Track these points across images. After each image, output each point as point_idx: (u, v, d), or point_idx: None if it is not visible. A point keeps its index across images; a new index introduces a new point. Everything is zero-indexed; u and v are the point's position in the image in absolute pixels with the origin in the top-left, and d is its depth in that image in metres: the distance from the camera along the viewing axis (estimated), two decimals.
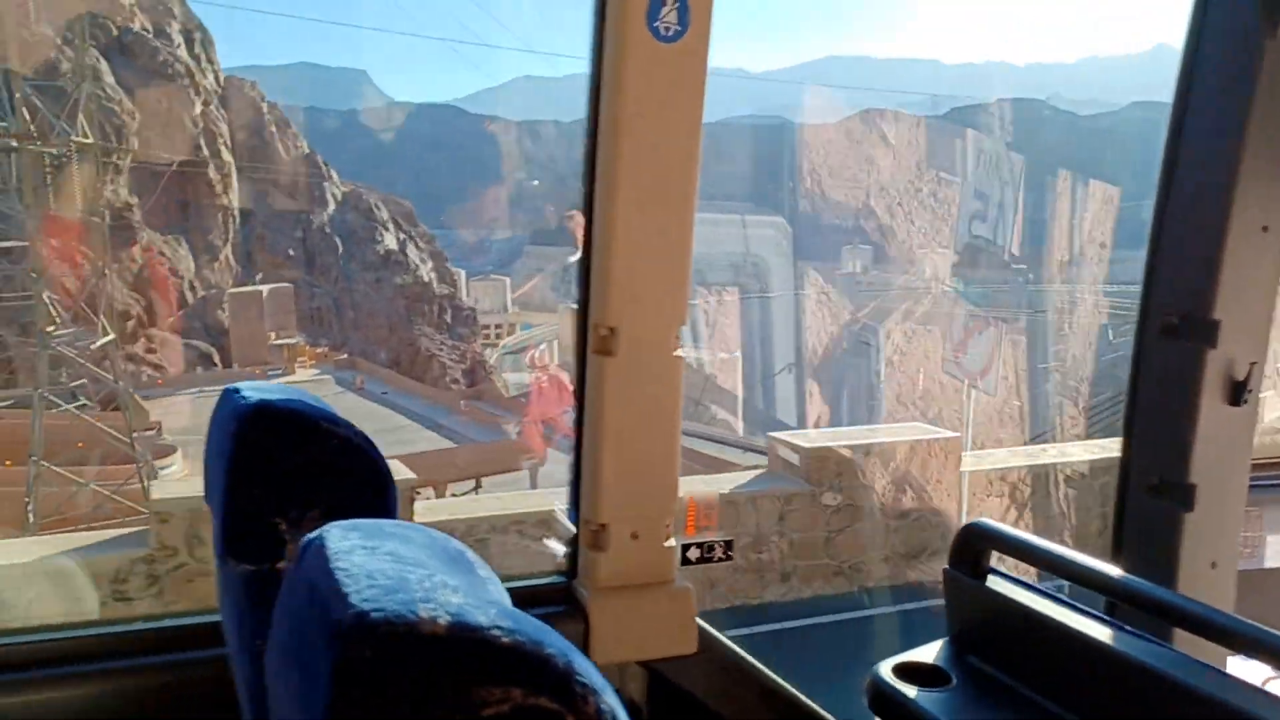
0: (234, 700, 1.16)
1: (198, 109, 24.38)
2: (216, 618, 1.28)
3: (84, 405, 20.30)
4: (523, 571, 2.08)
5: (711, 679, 2.06)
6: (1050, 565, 1.82)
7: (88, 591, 5.34)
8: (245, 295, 22.53)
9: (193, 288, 22.95)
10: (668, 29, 1.75)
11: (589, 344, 1.90)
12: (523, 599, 1.45)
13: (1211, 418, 2.18)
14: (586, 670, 0.67)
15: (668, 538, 1.99)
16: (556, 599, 2.00)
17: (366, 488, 1.16)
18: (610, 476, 1.93)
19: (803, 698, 2.00)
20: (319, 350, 24.03)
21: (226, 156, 24.52)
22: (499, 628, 0.66)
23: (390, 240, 26.07)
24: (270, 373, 21.32)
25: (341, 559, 0.74)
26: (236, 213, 23.58)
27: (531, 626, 0.68)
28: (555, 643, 0.67)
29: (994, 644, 1.84)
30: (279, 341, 23.25)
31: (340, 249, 24.99)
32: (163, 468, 20.09)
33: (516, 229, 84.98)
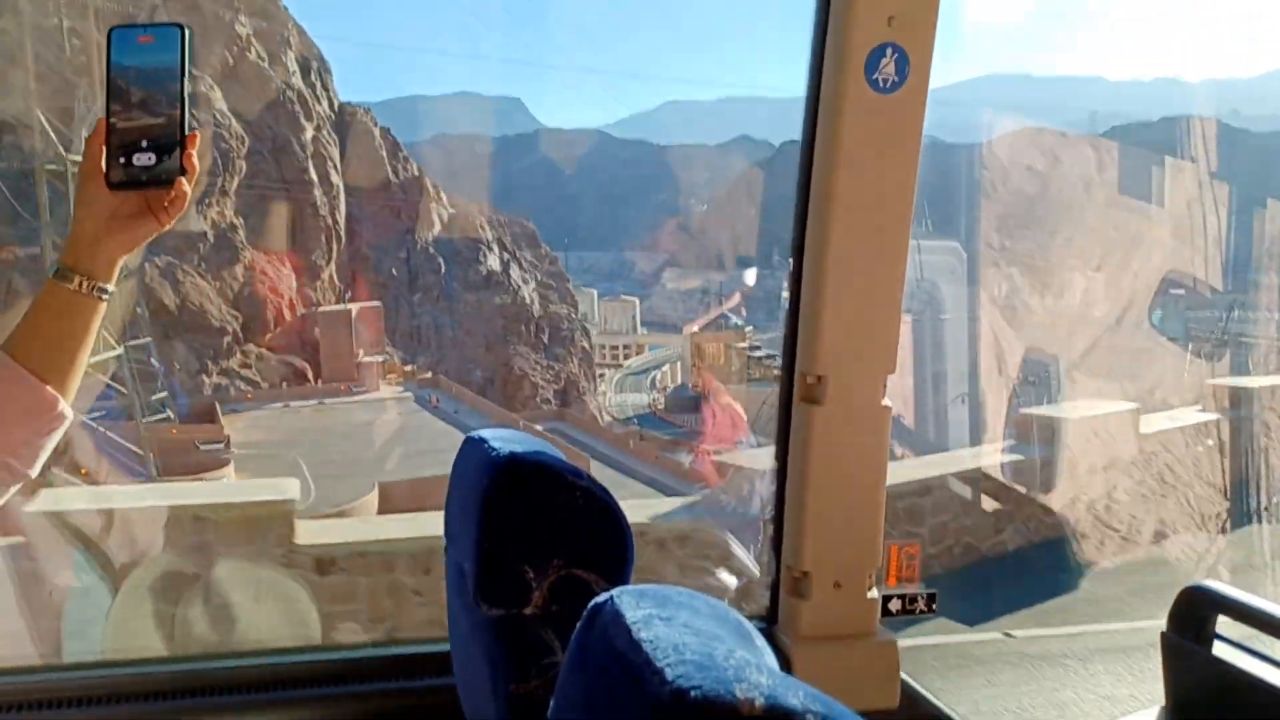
0: None
1: (309, 134, 25.28)
2: (441, 648, 1.40)
3: (166, 418, 21.12)
4: None
5: None
6: None
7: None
8: (334, 314, 23.09)
9: (292, 306, 23.71)
10: (886, 80, 1.73)
11: (795, 391, 1.88)
12: None
13: None
14: None
15: (871, 588, 1.96)
16: None
17: (606, 538, 1.18)
18: (814, 524, 1.90)
19: None
20: (407, 368, 24.39)
21: (335, 179, 25.32)
22: (811, 712, 0.65)
23: (493, 261, 26.24)
24: (355, 389, 21.74)
25: (643, 629, 0.74)
26: (342, 233, 24.20)
27: (839, 712, 0.67)
28: None
29: (1218, 715, 1.74)
30: (367, 359, 23.74)
31: (443, 269, 25.31)
32: (214, 479, 20.53)
33: (658, 252, 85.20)
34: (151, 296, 20.29)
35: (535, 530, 1.19)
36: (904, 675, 2.00)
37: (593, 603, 0.82)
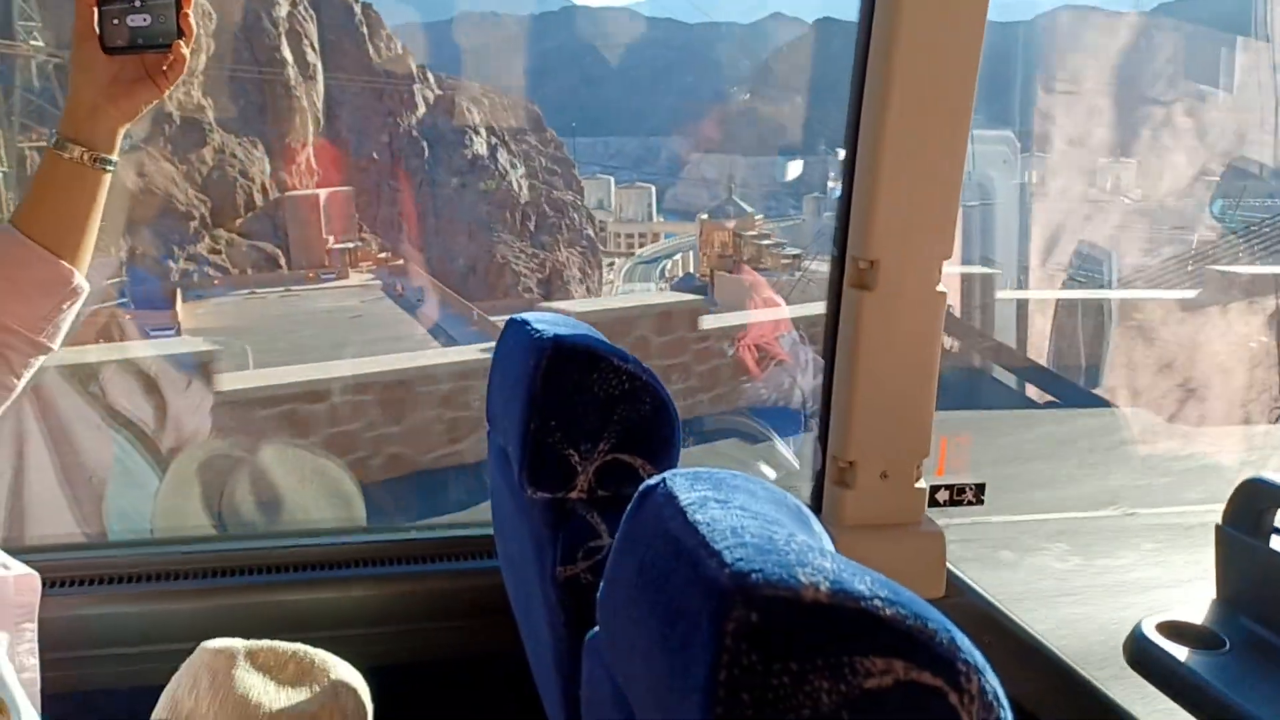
0: (506, 606, 1.38)
1: (283, 10, 24.14)
2: (486, 531, 1.56)
3: (123, 303, 20.86)
4: None
5: (959, 626, 1.38)
6: None
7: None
8: (301, 199, 22.46)
9: (264, 190, 23.11)
10: None
11: (845, 276, 1.83)
12: None
13: None
14: (969, 648, 0.65)
15: (918, 478, 1.94)
16: None
17: (652, 422, 1.17)
18: (862, 414, 1.88)
19: (1060, 655, 1.87)
20: (382, 255, 23.82)
21: (311, 59, 24.35)
22: (879, 598, 0.64)
23: (480, 145, 25.32)
24: (324, 275, 21.34)
25: (698, 511, 0.74)
26: (320, 115, 23.38)
27: (908, 598, 0.66)
28: (936, 617, 0.65)
29: (1272, 607, 1.67)
30: (339, 245, 23.21)
31: (426, 153, 24.46)
32: None
33: (683, 135, 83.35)
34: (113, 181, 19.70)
35: (581, 414, 1.16)
36: (949, 565, 1.98)
37: (644, 485, 0.81)
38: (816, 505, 2.03)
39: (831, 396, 1.96)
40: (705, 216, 41.70)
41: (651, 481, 0.81)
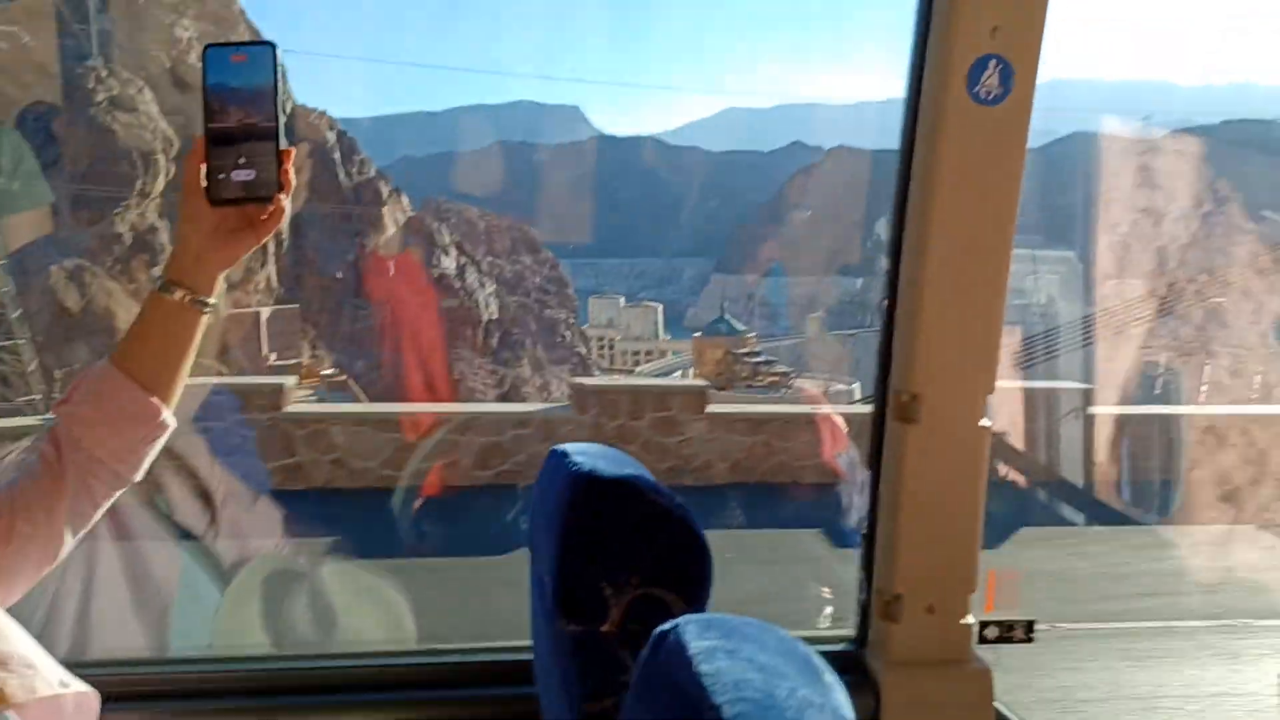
0: None
1: None
2: (527, 656, 1.41)
3: (44, 421, 20.74)
4: (810, 635, 1.89)
5: None
6: None
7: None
8: (242, 317, 22.46)
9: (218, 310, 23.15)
10: (989, 93, 1.66)
11: (889, 410, 1.79)
12: None
13: None
14: None
15: (965, 613, 1.80)
16: (846, 667, 1.82)
17: (685, 558, 1.17)
18: (907, 546, 1.78)
19: None
20: (327, 372, 23.62)
21: None
22: None
23: (448, 264, 25.35)
24: None
25: (704, 661, 0.75)
26: (285, 236, 23.57)
27: None
28: None
29: None
30: (280, 363, 23.07)
31: (392, 272, 24.51)
32: None
33: (704, 257, 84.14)
34: (52, 299, 19.77)
35: (614, 547, 1.16)
36: (998, 704, 1.87)
37: (658, 629, 0.81)
38: (863, 638, 1.94)
39: (876, 528, 1.87)
40: (699, 334, 41.39)
41: (665, 627, 0.80)
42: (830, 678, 0.79)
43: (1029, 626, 1.96)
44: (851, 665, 1.91)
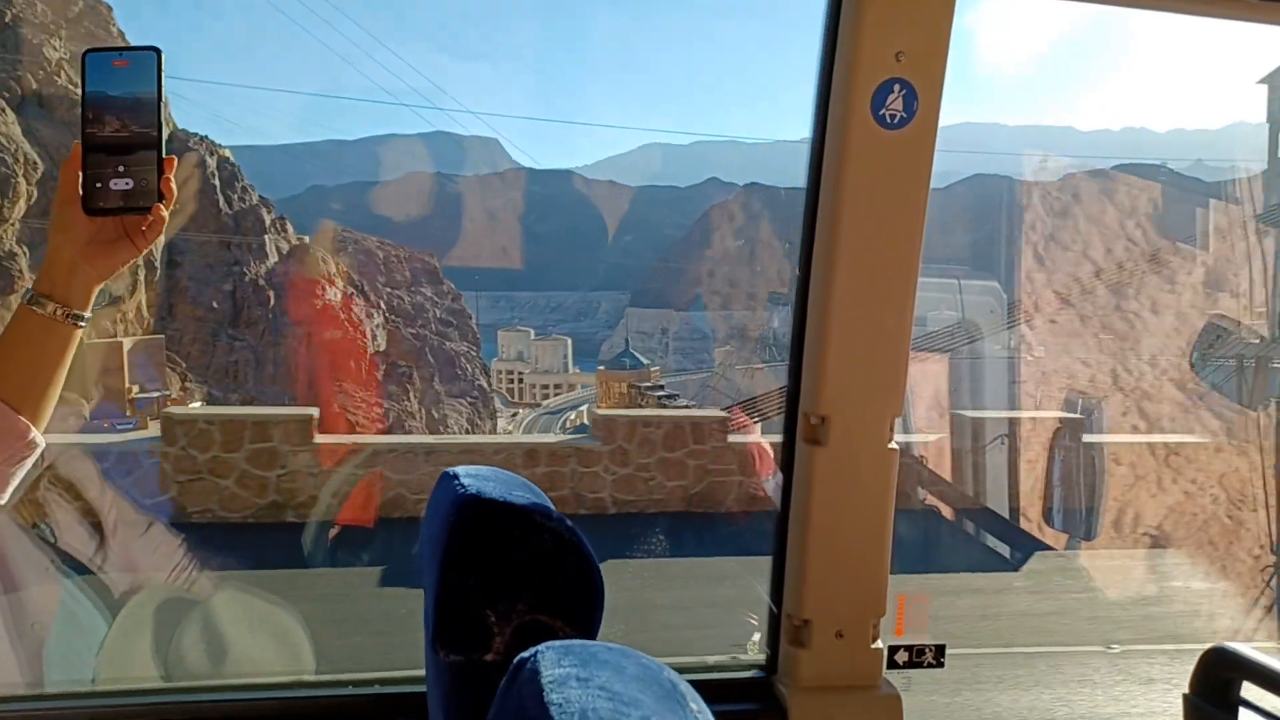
0: None
1: None
2: (422, 688, 1.31)
3: None
4: (721, 664, 1.91)
5: None
6: None
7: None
8: (103, 348, 21.57)
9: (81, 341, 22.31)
10: (893, 116, 1.65)
11: (798, 432, 1.76)
12: (719, 692, 1.80)
13: None
14: None
15: (875, 638, 1.80)
16: (755, 695, 1.84)
17: (574, 582, 1.10)
18: (816, 571, 1.76)
19: None
20: (193, 405, 22.76)
21: None
22: None
23: (333, 295, 24.68)
24: (119, 425, 20.15)
25: (555, 691, 0.71)
26: (157, 263, 22.69)
27: None
28: None
29: None
30: (143, 395, 22.17)
31: (272, 302, 23.76)
32: None
33: (621, 290, 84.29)
34: None
35: (498, 572, 1.09)
36: None
37: (519, 657, 0.78)
38: (772, 664, 1.89)
39: (785, 553, 1.86)
40: (603, 367, 41.20)
41: (525, 654, 0.77)
42: (696, 706, 0.75)
43: (939, 651, 1.94)
44: (761, 692, 1.88)
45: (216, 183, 24.02)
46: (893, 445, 1.78)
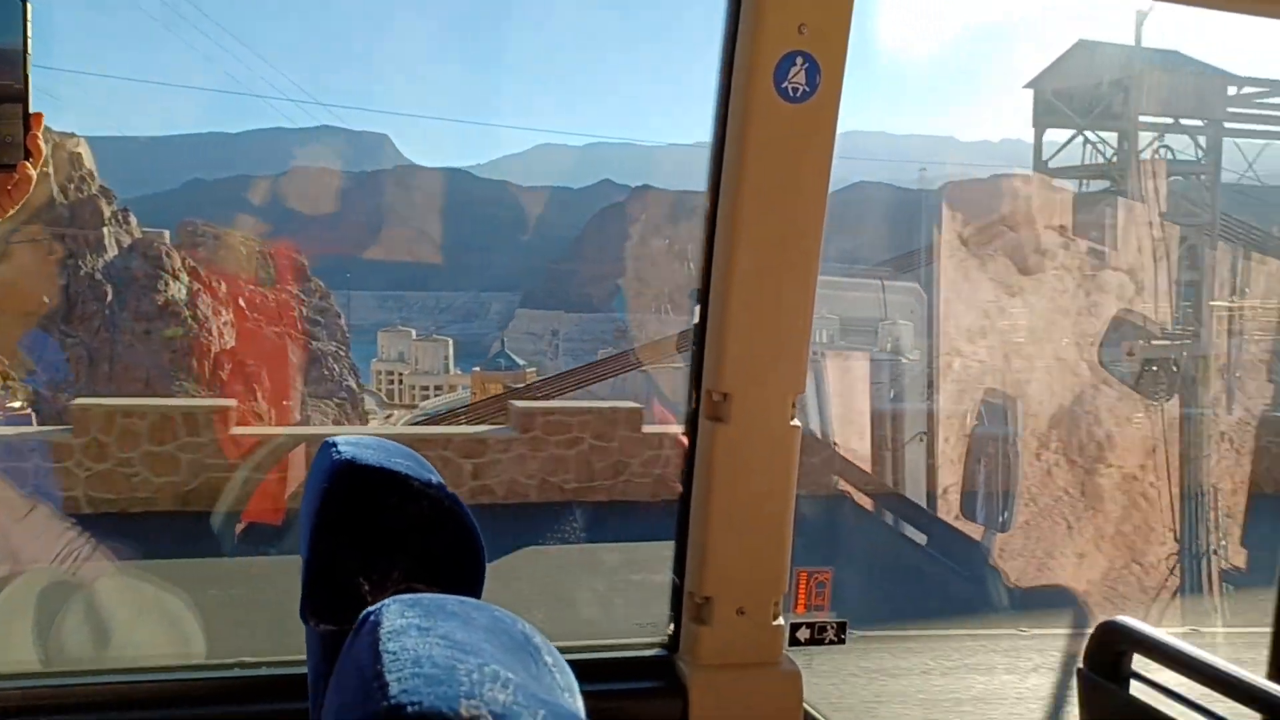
0: None
1: None
2: (301, 670, 1.30)
3: None
4: (622, 641, 1.92)
5: None
6: (1201, 675, 1.66)
7: None
8: None
9: None
10: (796, 89, 1.64)
11: (701, 409, 1.78)
12: (619, 670, 1.83)
13: None
14: None
15: (776, 615, 1.84)
16: (655, 673, 1.87)
17: (455, 550, 1.10)
18: (718, 548, 1.79)
19: None
20: (14, 405, 21.80)
21: None
22: None
23: (177, 291, 23.76)
24: None
25: (392, 640, 0.71)
26: None
27: None
28: None
29: None
30: None
31: (109, 297, 22.76)
32: None
33: (512, 291, 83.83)
34: None
35: (374, 540, 1.08)
36: (807, 705, 1.86)
37: (365, 612, 0.77)
38: (674, 642, 1.86)
39: (687, 530, 1.81)
40: (478, 369, 40.82)
41: (372, 609, 0.76)
42: (551, 660, 0.74)
43: (841, 628, 1.93)
44: (662, 670, 1.85)
45: (50, 170, 22.90)
46: (795, 423, 1.78)
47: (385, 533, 1.07)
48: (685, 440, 1.89)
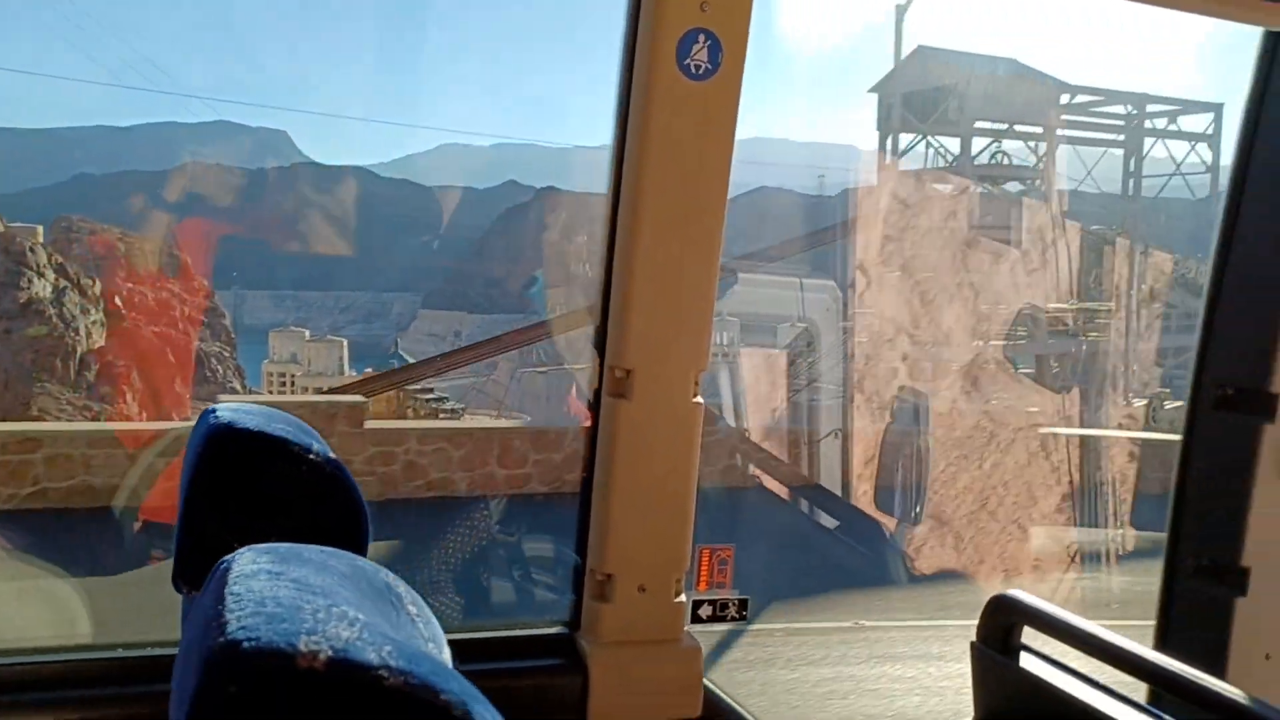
0: None
1: None
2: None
3: None
4: (525, 620, 1.94)
5: None
6: (1088, 646, 1.70)
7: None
8: None
9: None
10: (698, 67, 1.66)
11: (604, 385, 1.79)
12: (521, 648, 1.94)
13: (1267, 497, 2.10)
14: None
15: (678, 593, 1.88)
16: (557, 651, 1.92)
17: (335, 513, 1.05)
18: (620, 525, 1.81)
19: None
20: None
21: None
22: (388, 667, 0.60)
23: (42, 289, 22.90)
24: None
25: (239, 583, 0.69)
26: None
27: (429, 668, 0.60)
28: (454, 688, 0.60)
29: None
30: None
31: None
32: None
33: (414, 292, 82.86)
34: None
35: (249, 505, 1.03)
36: (707, 682, 1.93)
37: (221, 560, 0.75)
38: (576, 620, 1.89)
39: (590, 507, 1.84)
40: (370, 370, 40.37)
41: (226, 557, 0.73)
42: (415, 609, 0.72)
43: (742, 605, 1.95)
44: (563, 648, 1.86)
45: None
46: (697, 400, 1.80)
47: (263, 498, 1.06)
48: (589, 417, 1.89)
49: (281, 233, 79.39)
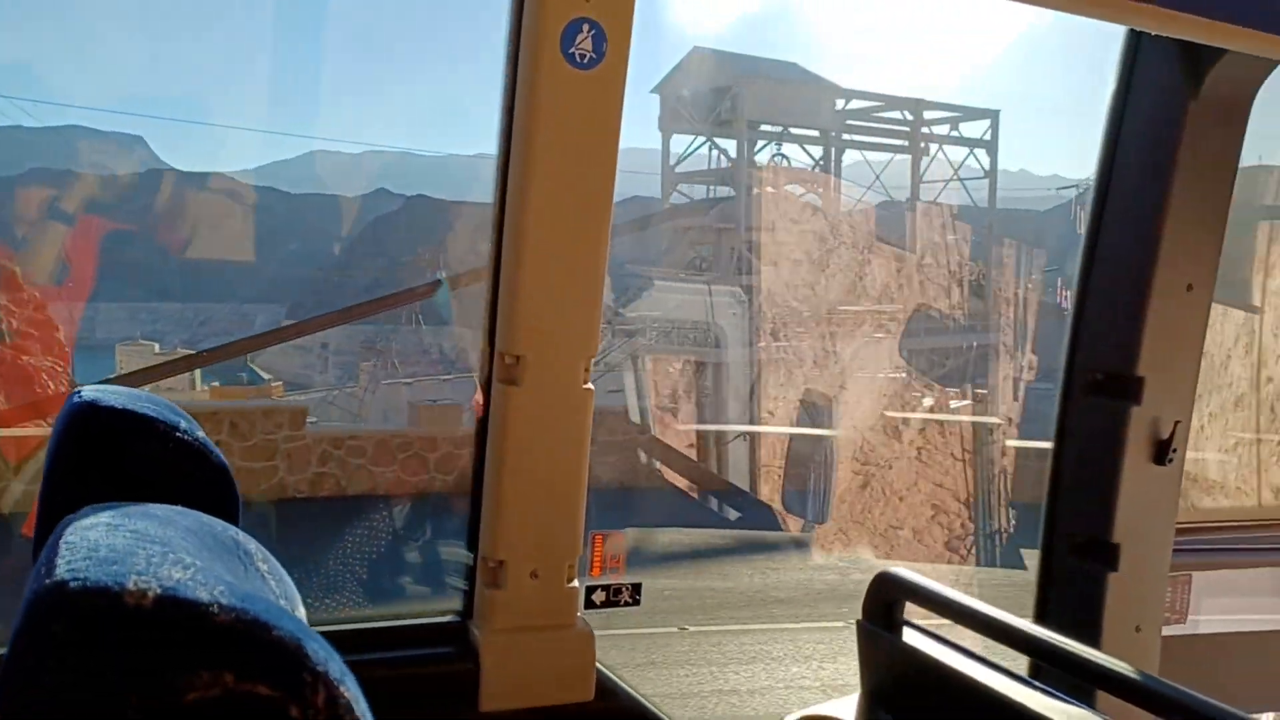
0: None
1: None
2: None
3: None
4: (416, 609, 2.04)
5: None
6: (968, 620, 1.76)
7: None
8: None
9: None
10: (583, 56, 1.69)
11: (494, 372, 1.82)
12: (412, 637, 1.89)
13: (1136, 476, 2.23)
14: (323, 656, 0.60)
15: (571, 578, 1.90)
16: (448, 639, 1.91)
17: (203, 494, 1.05)
18: (511, 511, 1.83)
19: None
20: None
21: None
22: (219, 604, 0.59)
23: None
24: None
25: (75, 534, 0.69)
26: None
27: (262, 606, 0.60)
28: (289, 627, 0.60)
29: (909, 701, 1.76)
30: None
31: None
32: None
33: (278, 303, 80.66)
34: None
35: (111, 484, 1.02)
36: (600, 666, 1.93)
37: (65, 518, 0.73)
38: (469, 609, 1.87)
39: (481, 493, 1.84)
40: (216, 384, 39.09)
41: (73, 515, 0.73)
42: (266, 567, 0.72)
43: (635, 589, 1.96)
44: (455, 637, 1.85)
45: None
46: (588, 386, 1.82)
47: (127, 475, 1.03)
48: (480, 403, 1.89)
49: (135, 242, 76.04)
